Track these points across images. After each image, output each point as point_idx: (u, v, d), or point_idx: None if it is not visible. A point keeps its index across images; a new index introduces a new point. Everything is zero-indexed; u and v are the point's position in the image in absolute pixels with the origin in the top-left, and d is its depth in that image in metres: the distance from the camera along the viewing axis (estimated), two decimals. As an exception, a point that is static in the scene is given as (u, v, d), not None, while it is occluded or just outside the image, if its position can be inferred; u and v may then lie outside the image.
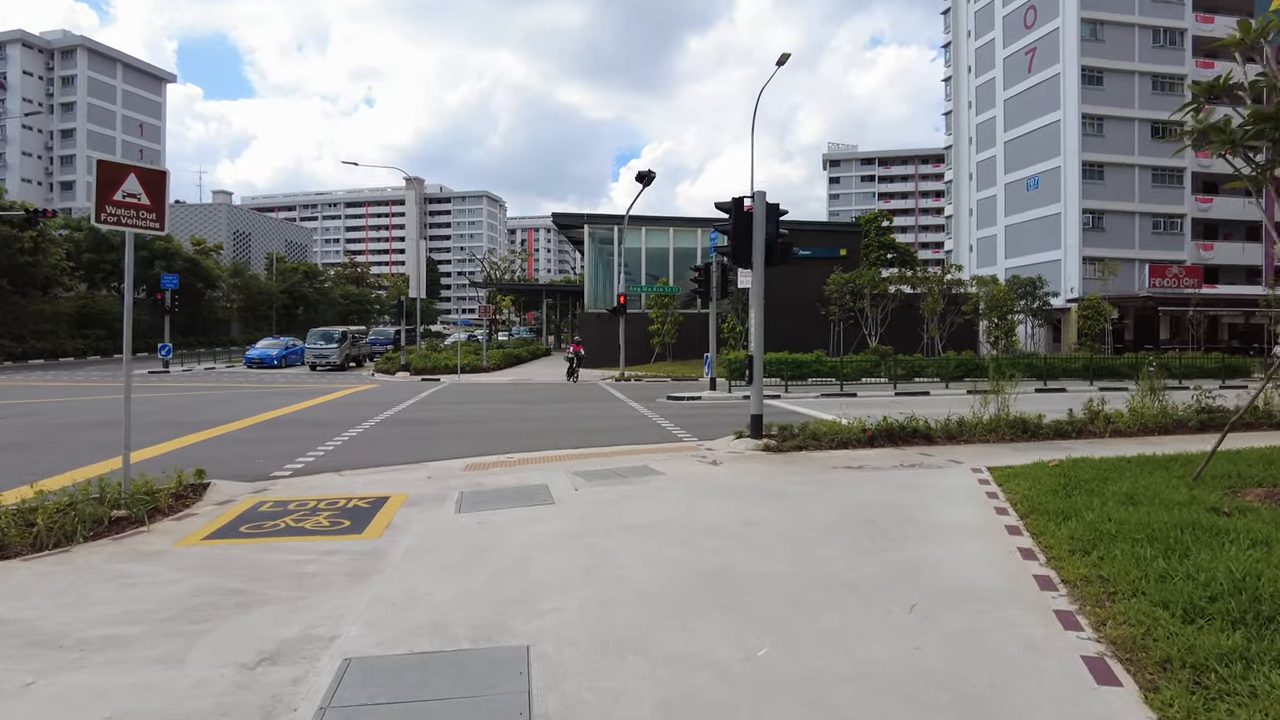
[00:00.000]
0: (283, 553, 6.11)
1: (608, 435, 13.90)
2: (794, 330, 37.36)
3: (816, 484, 8.53)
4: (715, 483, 8.69)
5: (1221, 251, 51.37)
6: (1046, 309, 43.18)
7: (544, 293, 68.87)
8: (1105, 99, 48.72)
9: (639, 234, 40.30)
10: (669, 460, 10.29)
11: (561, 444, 12.54)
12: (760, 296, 11.51)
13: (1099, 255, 48.41)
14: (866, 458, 10.33)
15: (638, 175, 25.08)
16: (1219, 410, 13.34)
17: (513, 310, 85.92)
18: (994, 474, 8.89)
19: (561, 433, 14.39)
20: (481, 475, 9.49)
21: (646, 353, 37.94)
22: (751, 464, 9.89)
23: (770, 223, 11.37)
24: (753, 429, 11.39)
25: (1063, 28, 49.25)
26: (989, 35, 57.30)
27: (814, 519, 6.96)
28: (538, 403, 20.65)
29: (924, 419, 12.08)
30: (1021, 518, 6.90)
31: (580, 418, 17.04)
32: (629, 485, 8.54)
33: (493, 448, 12.14)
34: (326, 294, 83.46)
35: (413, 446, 12.60)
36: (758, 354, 11.53)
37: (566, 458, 10.82)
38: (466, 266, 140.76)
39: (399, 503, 7.92)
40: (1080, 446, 11.27)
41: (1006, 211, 55.83)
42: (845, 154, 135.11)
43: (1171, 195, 49.80)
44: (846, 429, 11.62)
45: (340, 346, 37.86)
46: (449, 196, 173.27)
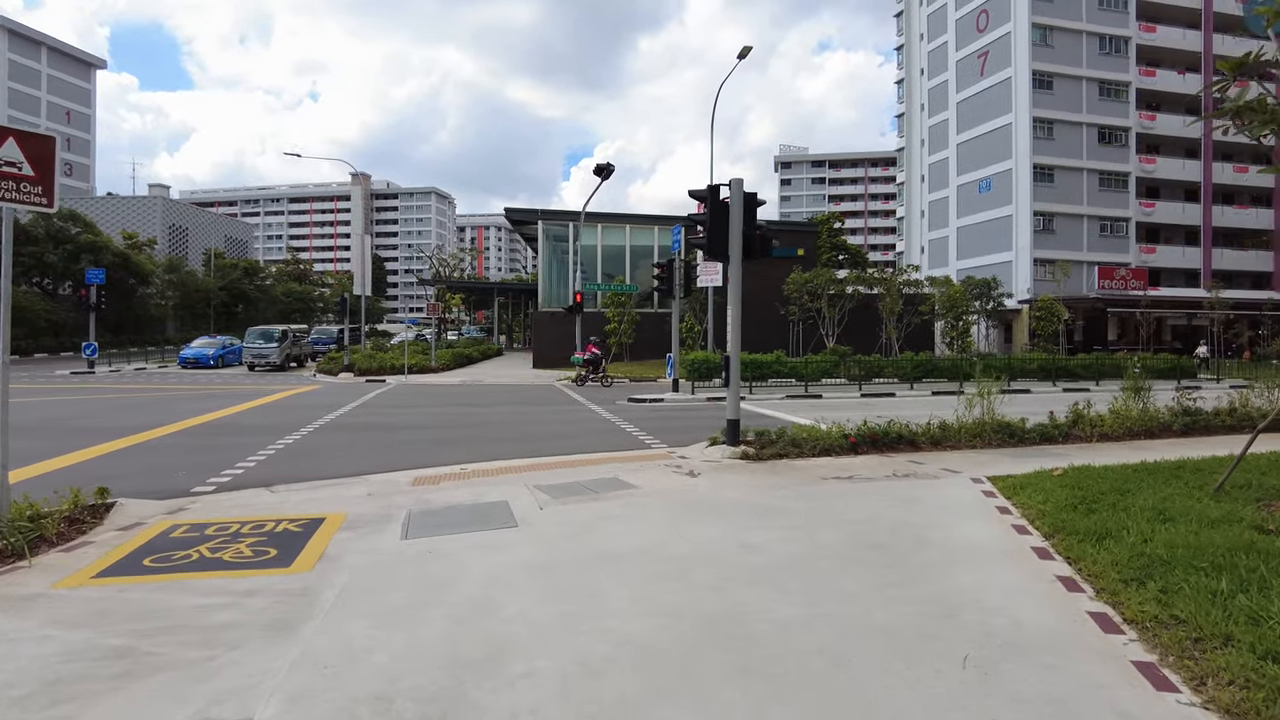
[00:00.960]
0: (191, 594, 5.02)
1: (569, 441, 12.92)
2: (752, 330, 36.65)
3: (808, 498, 7.71)
4: (697, 498, 7.80)
5: (1163, 255, 52.51)
6: (1001, 310, 43.47)
7: (495, 291, 67.26)
8: (1055, 103, 49.35)
9: (595, 231, 39.30)
10: (641, 471, 9.38)
11: (519, 452, 11.53)
12: (738, 292, 10.68)
13: (1049, 257, 49.02)
14: (854, 466, 9.57)
15: (596, 168, 24.11)
16: (1200, 413, 12.97)
17: (463, 309, 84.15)
18: (996, 485, 8.20)
19: (518, 439, 13.37)
20: (431, 490, 8.45)
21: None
22: (732, 475, 9.03)
23: (748, 212, 10.54)
24: (729, 435, 10.54)
25: (1014, 32, 49.75)
26: (942, 38, 57.72)
27: (819, 542, 6.12)
28: (491, 405, 19.55)
29: (904, 423, 11.40)
30: (1046, 537, 6.16)
31: (538, 422, 16.02)
32: (601, 502, 7.60)
33: (443, 457, 11.08)
34: (268, 291, 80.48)
35: (354, 456, 11.46)
36: (734, 355, 10.70)
37: (526, 468, 9.84)
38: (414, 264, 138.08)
39: (336, 525, 6.86)
40: (1072, 452, 10.70)
41: (959, 213, 56.29)
42: (796, 156, 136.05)
43: (1117, 199, 50.71)
44: (827, 434, 10.87)
45: (280, 346, 36.04)
46: (396, 192, 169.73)
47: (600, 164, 23.80)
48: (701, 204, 10.60)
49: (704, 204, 10.58)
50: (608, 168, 23.87)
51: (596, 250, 39.47)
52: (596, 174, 24.22)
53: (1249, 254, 54.60)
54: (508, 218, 41.39)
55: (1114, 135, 50.61)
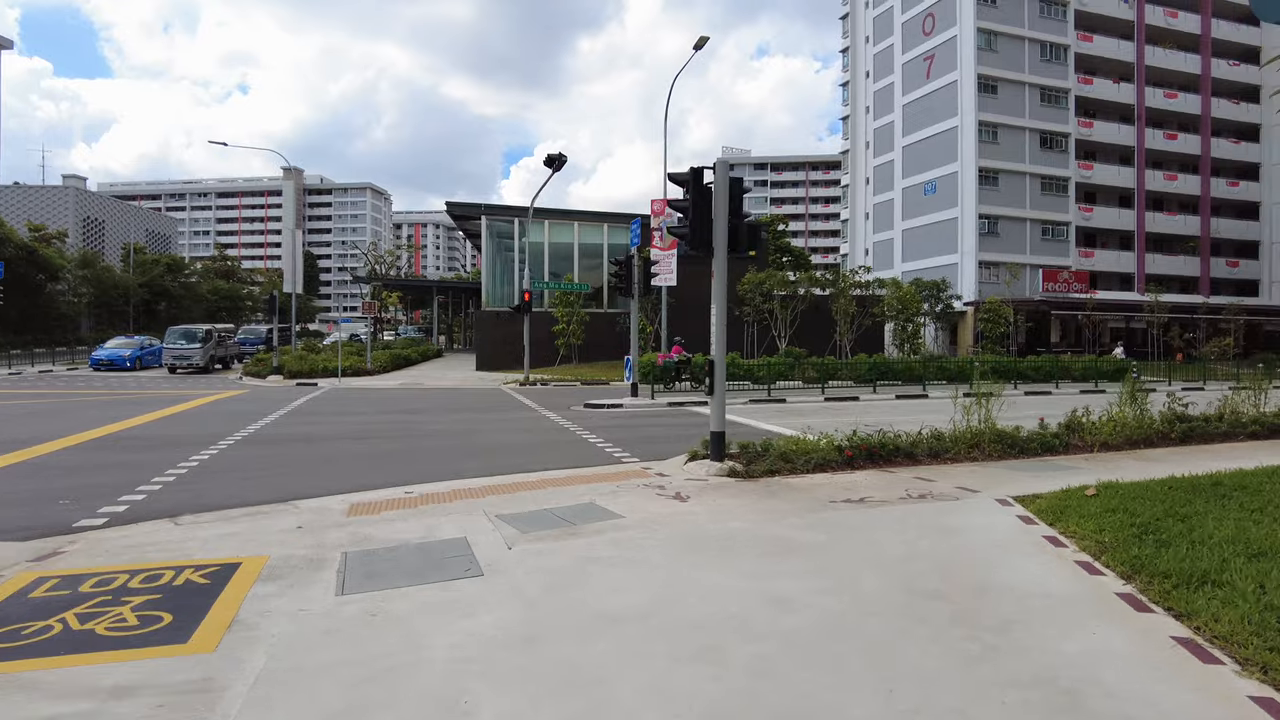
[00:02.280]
0: (35, 698, 3.60)
1: (528, 455, 11.60)
2: (705, 330, 35.78)
3: (825, 528, 6.59)
4: (696, 530, 6.61)
5: (1101, 259, 53.55)
6: (949, 312, 43.52)
7: (434, 289, 65.05)
8: (999, 107, 49.81)
9: (542, 228, 37.84)
10: (619, 493, 8.15)
11: (473, 469, 10.17)
12: (724, 289, 9.55)
13: (993, 260, 49.48)
14: (857, 485, 8.52)
15: (547, 158, 22.73)
16: (1197, 419, 12.36)
17: (400, 308, 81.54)
18: (1028, 507, 7.23)
19: (470, 453, 11.98)
20: (371, 522, 7.07)
21: (550, 354, 35.56)
22: (727, 498, 7.87)
23: (733, 200, 9.42)
24: (713, 449, 9.40)
25: (960, 36, 50.04)
26: (888, 40, 57.89)
27: (862, 591, 4.99)
28: (435, 412, 18.04)
29: (895, 433, 10.46)
30: (1125, 579, 5.16)
31: (489, 431, 14.62)
32: (582, 538, 6.34)
33: (384, 476, 9.66)
34: (193, 289, 76.38)
35: (281, 475, 9.94)
36: (719, 359, 9.55)
37: (483, 491, 8.50)
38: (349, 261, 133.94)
39: (254, 574, 5.46)
40: (1081, 464, 9.88)
41: (904, 215, 56.46)
42: (738, 159, 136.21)
43: (1058, 203, 51.46)
44: (817, 447, 9.82)
45: (204, 347, 33.63)
46: (330, 188, 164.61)
47: (552, 154, 22.44)
48: (685, 188, 9.43)
49: (686, 188, 9.42)
50: (559, 158, 22.54)
51: (543, 248, 38.02)
52: (548, 164, 22.85)
53: (1178, 259, 56.17)
54: (450, 213, 39.63)
55: (1055, 141, 51.35)
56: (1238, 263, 58.47)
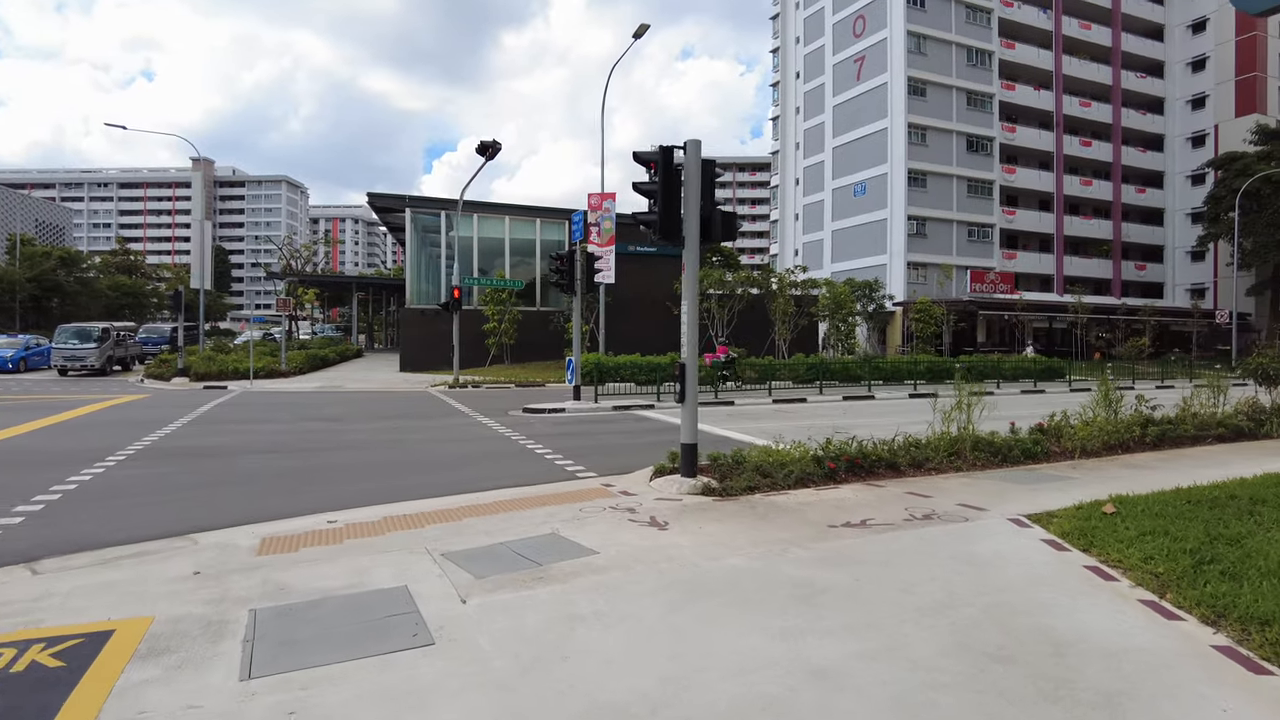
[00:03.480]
0: None
1: (469, 471, 10.33)
2: (642, 331, 34.95)
3: (839, 564, 5.62)
4: (690, 570, 5.53)
5: (1023, 260, 54.93)
6: (881, 311, 43.78)
7: (354, 286, 62.15)
8: (928, 110, 50.43)
9: (471, 222, 36.18)
10: (585, 519, 7.02)
11: (407, 489, 8.88)
12: (694, 285, 8.53)
13: (922, 260, 50.11)
14: (849, 503, 7.62)
15: (480, 146, 21.30)
16: (1167, 422, 12.00)
17: (317, 305, 78.11)
18: (1048, 529, 6.46)
19: (402, 468, 10.64)
20: (288, 563, 5.78)
21: (481, 354, 34.01)
22: (711, 523, 6.83)
23: (705, 184, 8.42)
24: (684, 463, 8.37)
25: (890, 38, 50.45)
26: (819, 41, 58.08)
27: (916, 656, 4.01)
28: (359, 419, 16.49)
29: (873, 442, 9.67)
30: (1211, 625, 4.35)
31: (422, 442, 13.24)
32: (553, 584, 5.19)
33: (304, 499, 8.30)
34: (90, 284, 71.20)
35: (178, 501, 8.44)
36: (690, 363, 8.52)
37: (422, 518, 7.25)
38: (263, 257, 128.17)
39: (128, 648, 4.16)
40: (1073, 473, 9.26)
41: (834, 216, 56.73)
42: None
43: (983, 206, 52.46)
44: (793, 458, 8.92)
45: (100, 347, 30.84)
46: (243, 180, 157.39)
47: (485, 141, 21.01)
48: (651, 170, 8.37)
49: (653, 170, 8.37)
50: (493, 145, 21.14)
51: (473, 242, 36.37)
52: (480, 153, 21.42)
53: (1093, 261, 58.21)
54: (371, 204, 37.54)
55: (980, 144, 52.34)
56: (1145, 266, 61.01)
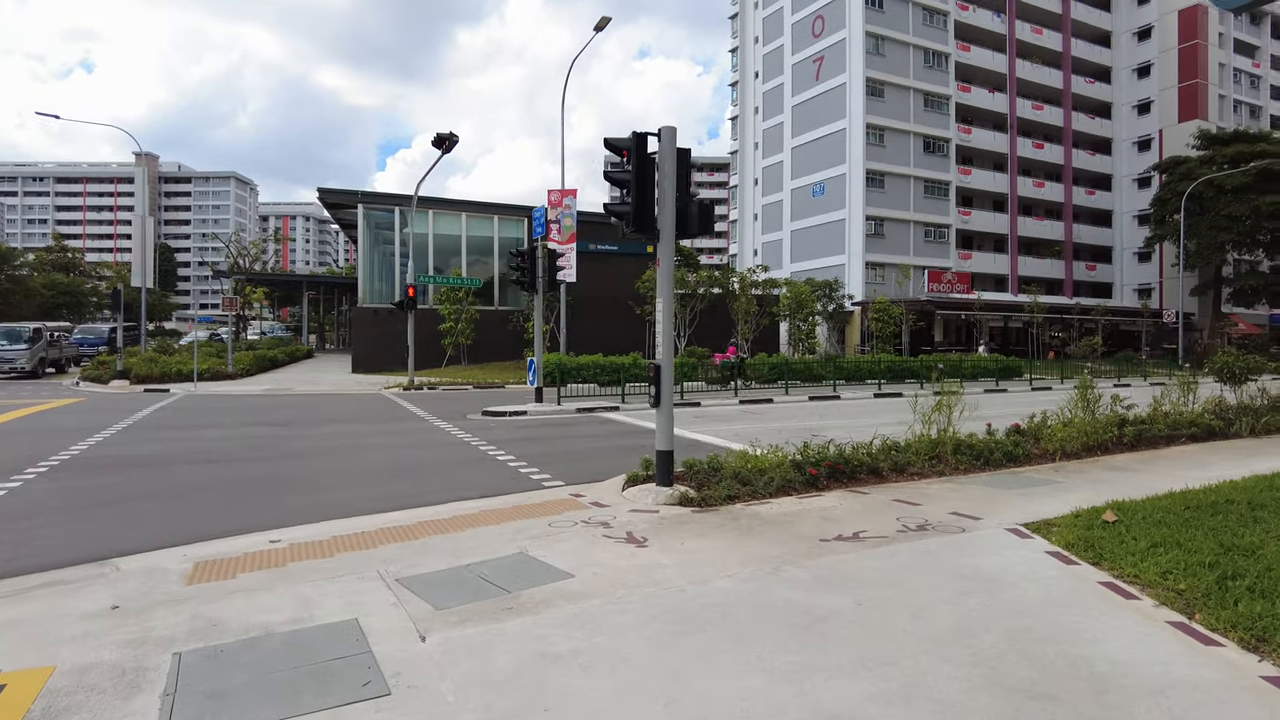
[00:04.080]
0: None
1: (426, 480, 9.65)
2: (603, 330, 34.40)
3: (839, 586, 5.12)
4: (677, 596, 4.96)
5: (978, 260, 55.61)
6: (840, 311, 43.83)
7: (304, 284, 60.41)
8: (886, 111, 50.71)
9: (426, 218, 35.19)
10: (556, 535, 6.43)
11: (358, 502, 8.18)
12: (670, 281, 7.99)
13: (879, 261, 50.37)
14: (836, 513, 7.15)
15: (436, 139, 20.49)
16: (1141, 422, 11.82)
17: (266, 305, 75.96)
18: (1052, 540, 6.07)
19: (353, 478, 9.90)
20: (222, 593, 5.09)
21: (437, 355, 33.09)
22: (693, 538, 6.29)
23: (681, 174, 7.89)
24: (659, 471, 7.82)
25: (849, 39, 50.61)
26: (778, 41, 58.07)
27: (942, 694, 3.52)
28: (308, 424, 15.62)
29: (846, 445, 9.27)
30: (1255, 651, 3.97)
31: (376, 448, 12.47)
32: (525, 616, 4.60)
33: (244, 515, 7.56)
34: (23, 283, 68.22)
35: (102, 519, 7.62)
36: (666, 364, 7.96)
37: (375, 535, 6.59)
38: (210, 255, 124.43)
39: (15, 712, 3.47)
40: (1057, 476, 8.94)
41: (793, 216, 56.78)
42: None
43: (939, 206, 52.94)
44: (772, 464, 8.46)
45: (31, 347, 29.20)
46: (190, 176, 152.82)
47: (442, 133, 20.18)
48: (623, 158, 7.81)
49: (625, 158, 7.80)
50: (450, 138, 20.35)
51: (428, 240, 35.39)
52: (436, 145, 20.60)
53: (1045, 261, 59.23)
54: (322, 200, 36.30)
55: (937, 146, 52.80)
56: (1095, 266, 62.33)
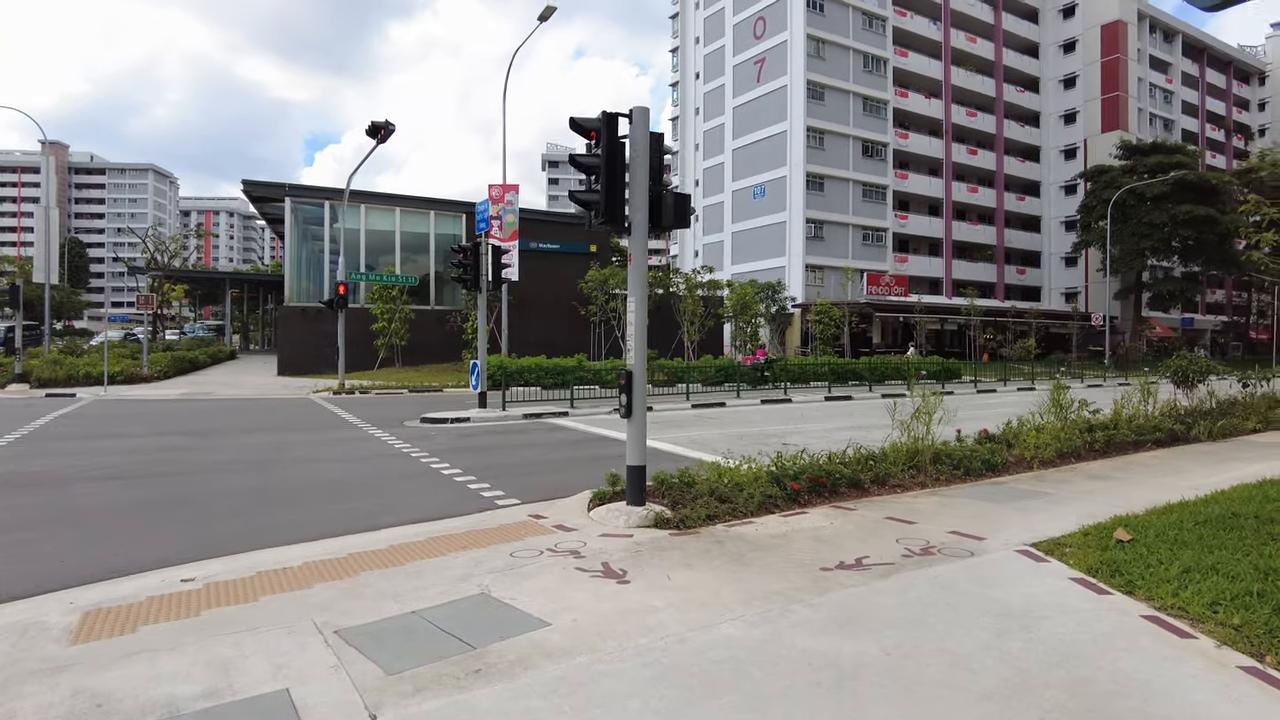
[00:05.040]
0: None
1: (364, 499, 8.63)
2: (546, 332, 33.46)
3: (850, 625, 4.42)
4: (672, 647, 4.17)
5: (914, 264, 56.42)
6: (783, 313, 43.77)
7: (227, 282, 57.58)
8: (826, 114, 50.93)
9: (358, 213, 33.62)
10: (522, 569, 5.57)
11: (285, 528, 7.17)
12: (643, 279, 7.21)
13: (819, 263, 50.57)
14: (828, 534, 6.47)
15: (370, 127, 19.22)
16: (1107, 427, 11.56)
17: (187, 303, 72.42)
18: (1071, 564, 5.51)
19: (280, 497, 8.82)
20: (115, 660, 4.08)
21: (369, 357, 31.61)
22: (679, 569, 5.51)
23: (655, 161, 7.12)
24: (630, 489, 7.03)
25: (790, 41, 50.66)
26: (719, 42, 57.88)
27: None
28: (229, 433, 14.31)
29: (817, 454, 8.70)
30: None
31: (305, 461, 11.33)
32: (497, 683, 3.74)
33: (151, 546, 6.48)
34: (-89, 278, 63.52)
35: (-27, 549, 6.45)
36: (639, 370, 7.16)
37: (308, 571, 5.62)
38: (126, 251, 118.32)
39: None
40: (1044, 487, 8.48)
41: (734, 218, 56.63)
42: (564, 156, 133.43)
43: (877, 210, 53.46)
44: (744, 476, 7.77)
45: (-84, 347, 26.77)
46: (104, 168, 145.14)
47: (377, 121, 18.94)
48: (592, 141, 7.00)
49: (594, 141, 7.00)
50: (385, 126, 19.14)
51: (360, 236, 33.83)
52: (371, 134, 19.38)
53: (978, 265, 60.54)
54: (248, 193, 34.36)
55: (875, 149, 53.31)
56: (1025, 270, 64.04)
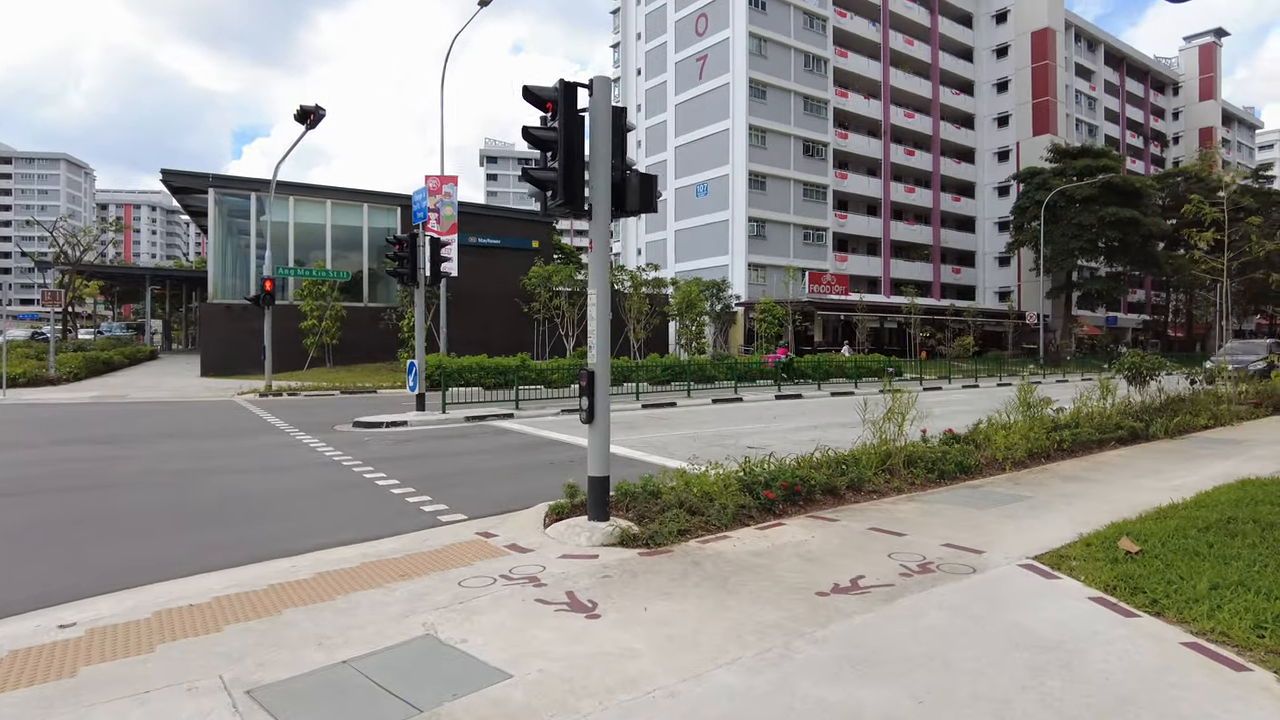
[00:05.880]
0: None
1: (288, 516, 7.69)
2: (486, 330, 32.41)
3: (868, 666, 3.79)
4: (662, 703, 3.45)
5: (854, 263, 56.95)
6: (727, 311, 43.51)
7: (148, 279, 54.61)
8: (768, 113, 50.91)
9: (287, 206, 31.99)
10: (473, 602, 4.79)
11: (194, 551, 6.23)
12: (605, 269, 6.48)
13: (761, 262, 50.57)
14: (813, 550, 5.87)
15: (299, 112, 17.98)
16: (1074, 426, 11.32)
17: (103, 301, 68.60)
18: (1086, 581, 5.03)
19: (192, 516, 7.81)
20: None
21: (298, 356, 30.07)
22: (657, 598, 4.81)
23: (617, 138, 6.41)
24: (593, 504, 6.30)
25: (732, 39, 50.47)
26: (661, 38, 57.40)
27: None
28: (141, 440, 13.06)
29: (784, 458, 8.17)
30: None
31: (224, 472, 10.25)
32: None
33: (27, 581, 5.48)
34: None
35: None
36: (601, 370, 6.42)
37: (217, 610, 4.73)
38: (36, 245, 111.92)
39: None
40: (1022, 490, 8.06)
41: (677, 216, 56.25)
42: (503, 151, 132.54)
43: (818, 209, 53.73)
44: (712, 485, 7.13)
45: None
46: (9, 156, 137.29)
47: (306, 106, 17.71)
48: (548, 113, 6.25)
49: (550, 114, 6.25)
50: (316, 111, 17.93)
51: (288, 229, 32.20)
52: (300, 120, 18.13)
53: (915, 264, 61.47)
54: (168, 183, 32.34)
55: (816, 149, 53.56)
56: (960, 269, 65.32)
